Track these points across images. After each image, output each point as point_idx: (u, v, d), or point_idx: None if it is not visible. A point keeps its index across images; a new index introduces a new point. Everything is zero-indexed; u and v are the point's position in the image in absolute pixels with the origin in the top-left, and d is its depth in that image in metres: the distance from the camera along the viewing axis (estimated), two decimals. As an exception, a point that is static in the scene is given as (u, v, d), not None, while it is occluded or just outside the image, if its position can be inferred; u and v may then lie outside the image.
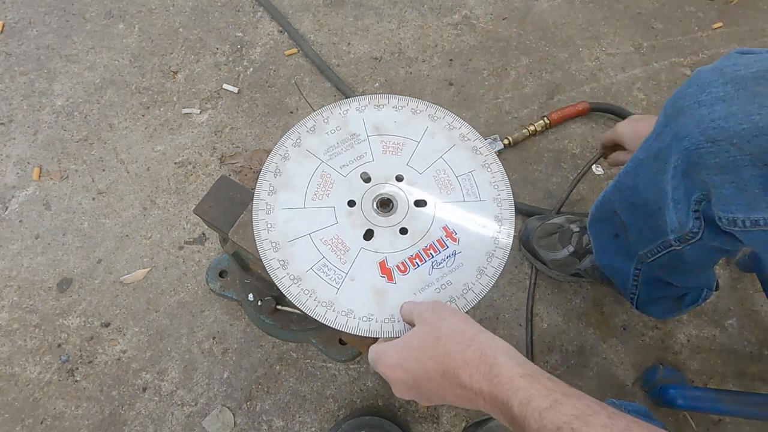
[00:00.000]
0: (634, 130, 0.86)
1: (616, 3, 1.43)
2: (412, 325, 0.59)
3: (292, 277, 0.65)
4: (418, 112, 0.75)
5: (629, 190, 0.76)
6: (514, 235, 0.69)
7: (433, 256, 0.66)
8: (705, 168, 0.58)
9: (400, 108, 0.75)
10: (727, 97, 0.55)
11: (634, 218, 0.79)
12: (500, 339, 0.52)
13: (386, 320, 0.63)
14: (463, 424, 0.99)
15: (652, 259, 0.79)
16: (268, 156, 0.72)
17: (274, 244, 0.66)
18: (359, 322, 0.63)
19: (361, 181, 0.70)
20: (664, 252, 0.75)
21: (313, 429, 0.99)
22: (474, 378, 0.49)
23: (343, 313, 0.63)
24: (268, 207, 0.69)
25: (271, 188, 0.70)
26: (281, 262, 0.66)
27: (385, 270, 0.65)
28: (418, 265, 0.65)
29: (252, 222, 0.68)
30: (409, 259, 0.66)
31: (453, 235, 0.67)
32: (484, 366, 0.48)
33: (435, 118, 0.74)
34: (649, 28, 1.39)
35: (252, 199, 0.70)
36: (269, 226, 0.67)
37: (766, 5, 1.42)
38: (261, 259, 0.67)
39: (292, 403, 1.00)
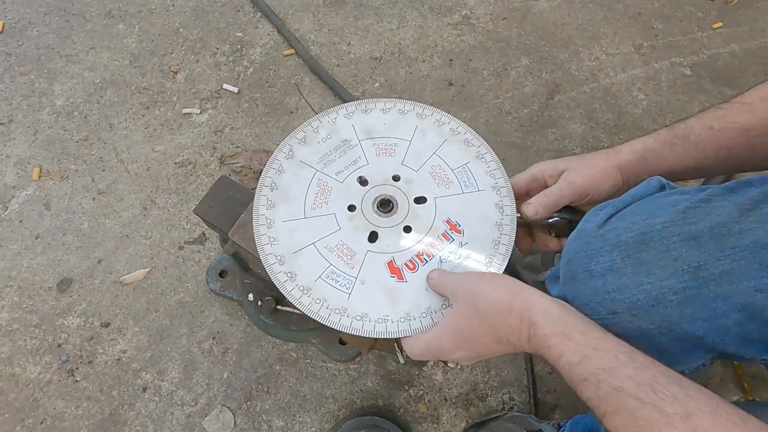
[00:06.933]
0: (555, 165, 0.70)
1: (616, 3, 1.43)
2: (442, 295, 0.63)
3: (301, 288, 0.65)
4: (405, 112, 0.75)
5: None
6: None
7: (440, 250, 0.66)
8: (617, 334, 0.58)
9: (387, 110, 0.75)
10: (615, 267, 0.54)
11: None
12: (537, 293, 0.55)
13: (402, 320, 0.63)
14: (463, 425, 0.99)
15: None
16: (268, 156, 0.72)
17: (279, 257, 0.66)
18: (375, 325, 0.62)
19: (358, 185, 0.71)
20: None
21: (313, 429, 0.99)
22: (522, 340, 0.53)
23: (358, 318, 0.63)
24: (269, 221, 0.68)
25: (269, 202, 0.69)
26: (289, 275, 0.65)
27: (394, 270, 0.65)
28: (427, 261, 0.66)
29: (254, 237, 0.68)
30: (417, 256, 0.66)
31: (457, 227, 0.67)
32: (525, 329, 0.53)
33: (423, 116, 0.75)
34: (649, 28, 1.39)
35: (252, 201, 0.70)
36: (272, 240, 0.67)
37: (766, 5, 1.42)
38: (267, 270, 0.66)
39: (292, 403, 1.00)
